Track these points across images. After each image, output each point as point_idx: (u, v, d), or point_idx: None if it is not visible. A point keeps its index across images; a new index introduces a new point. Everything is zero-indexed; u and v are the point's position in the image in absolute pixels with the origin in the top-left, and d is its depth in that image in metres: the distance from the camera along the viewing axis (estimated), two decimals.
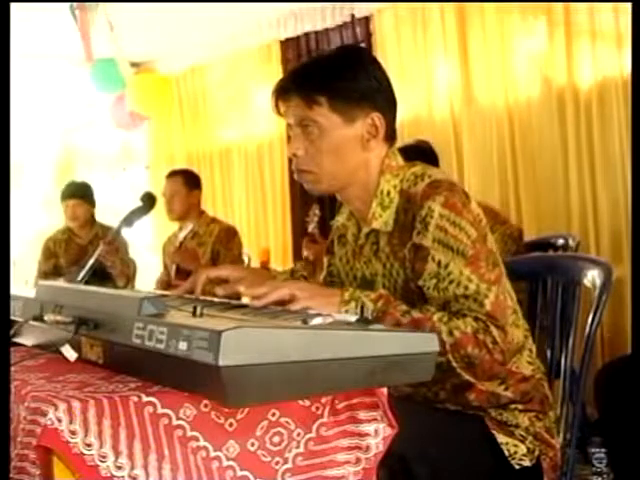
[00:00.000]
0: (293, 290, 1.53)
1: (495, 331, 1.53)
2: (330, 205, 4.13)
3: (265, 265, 5.56)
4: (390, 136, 1.73)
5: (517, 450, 1.64)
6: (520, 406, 1.68)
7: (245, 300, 1.61)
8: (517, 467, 1.63)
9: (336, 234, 1.89)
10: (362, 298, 1.55)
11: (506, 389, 1.67)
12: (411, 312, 1.55)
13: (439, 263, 1.58)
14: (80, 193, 4.92)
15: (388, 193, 1.69)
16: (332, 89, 1.66)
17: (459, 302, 1.56)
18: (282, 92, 1.71)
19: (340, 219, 1.86)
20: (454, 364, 1.52)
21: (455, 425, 1.65)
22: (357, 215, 1.78)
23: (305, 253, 3.94)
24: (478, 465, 1.64)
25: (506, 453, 1.63)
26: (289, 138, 1.73)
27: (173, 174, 4.62)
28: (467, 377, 1.54)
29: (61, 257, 5.00)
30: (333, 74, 1.67)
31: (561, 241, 3.67)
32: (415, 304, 1.61)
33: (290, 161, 5.87)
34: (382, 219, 1.69)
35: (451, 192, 1.61)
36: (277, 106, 1.73)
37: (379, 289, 1.67)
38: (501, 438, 1.64)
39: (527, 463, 1.64)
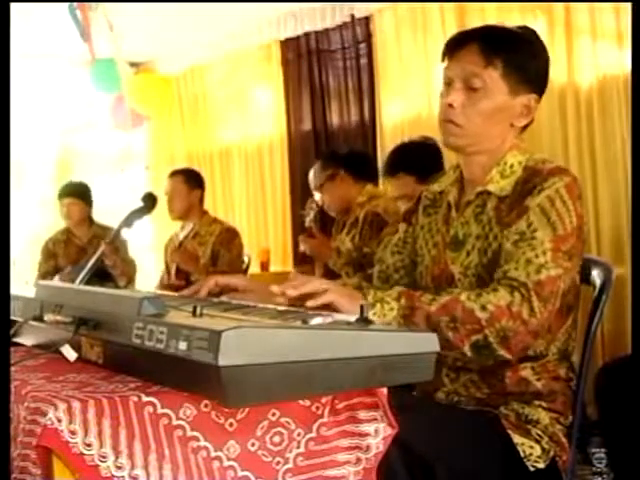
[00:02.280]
0: (327, 285, 1.54)
1: (536, 302, 1.55)
2: None
3: (265, 265, 5.57)
4: (529, 124, 1.78)
5: (532, 452, 1.64)
6: (544, 403, 1.68)
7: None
8: (532, 469, 1.63)
9: (422, 204, 1.91)
10: (385, 298, 1.56)
11: (538, 379, 1.69)
12: (437, 298, 1.56)
13: (529, 225, 1.61)
14: (76, 192, 4.94)
15: (511, 165, 1.73)
16: (512, 58, 1.69)
17: (518, 262, 1.58)
18: (463, 41, 1.73)
19: (437, 186, 1.88)
20: (491, 339, 1.52)
21: (471, 424, 1.65)
22: (468, 182, 1.80)
23: (302, 248, 3.93)
24: (493, 465, 1.63)
25: (521, 454, 1.63)
26: (447, 90, 1.74)
27: (175, 173, 4.64)
28: (502, 352, 1.54)
29: (60, 257, 5.02)
30: (518, 45, 1.72)
31: None
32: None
33: (290, 161, 5.84)
34: (499, 185, 1.72)
35: (576, 182, 1.68)
36: (448, 52, 1.74)
37: (468, 249, 1.71)
38: (517, 438, 1.64)
39: (541, 465, 1.64)
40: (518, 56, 1.70)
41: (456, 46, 1.73)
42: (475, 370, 1.69)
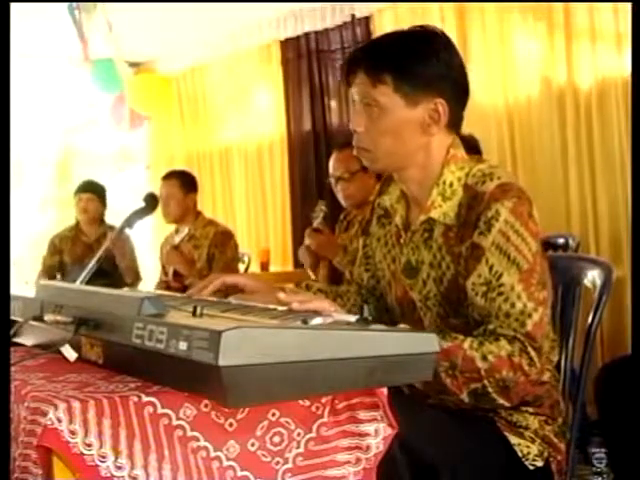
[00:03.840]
0: (334, 308, 1.52)
1: (532, 352, 1.52)
2: (335, 203, 4.12)
3: (265, 266, 5.57)
4: (454, 125, 1.70)
5: (529, 451, 1.63)
6: (531, 409, 1.67)
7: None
8: (531, 468, 1.63)
9: (376, 214, 1.87)
10: None
11: None
12: (440, 343, 1.49)
13: (491, 268, 1.56)
14: (95, 190, 5.08)
15: (451, 184, 1.66)
16: (399, 70, 1.62)
17: (499, 319, 1.54)
18: (349, 66, 1.68)
19: (387, 199, 1.83)
20: (489, 389, 1.51)
21: (471, 425, 1.64)
22: (411, 198, 1.75)
23: (307, 242, 3.92)
24: (495, 465, 1.63)
25: (519, 454, 1.63)
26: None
27: (169, 176, 4.55)
28: (501, 402, 1.54)
29: (66, 254, 5.10)
30: (402, 55, 1.63)
31: (561, 241, 3.67)
32: (461, 301, 1.61)
33: (290, 161, 5.83)
34: (441, 209, 1.65)
35: (520, 199, 1.58)
36: (347, 78, 1.69)
37: (423, 277, 1.68)
38: (513, 439, 1.63)
39: (540, 464, 1.63)
40: (407, 67, 1.62)
41: (347, 70, 1.68)
42: None
